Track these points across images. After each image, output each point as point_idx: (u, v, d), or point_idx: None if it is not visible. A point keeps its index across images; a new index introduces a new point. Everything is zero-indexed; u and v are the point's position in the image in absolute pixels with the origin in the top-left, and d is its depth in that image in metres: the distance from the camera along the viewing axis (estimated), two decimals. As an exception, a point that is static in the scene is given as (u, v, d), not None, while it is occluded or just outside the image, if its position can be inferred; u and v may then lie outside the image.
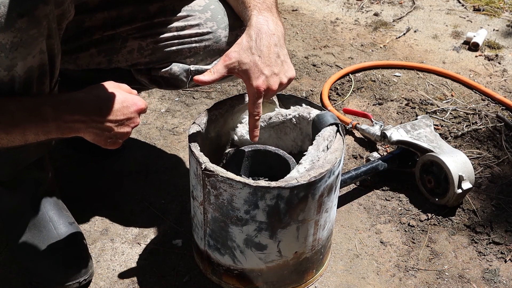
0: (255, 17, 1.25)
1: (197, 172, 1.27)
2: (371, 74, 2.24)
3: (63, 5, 1.18)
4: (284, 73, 1.25)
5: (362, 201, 1.69)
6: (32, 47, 1.11)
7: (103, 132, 1.16)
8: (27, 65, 1.13)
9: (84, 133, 1.16)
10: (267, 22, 1.24)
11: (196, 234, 1.41)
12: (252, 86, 1.23)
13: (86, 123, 1.15)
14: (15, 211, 1.42)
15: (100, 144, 1.19)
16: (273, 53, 1.23)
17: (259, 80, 1.22)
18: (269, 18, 1.25)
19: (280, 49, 1.24)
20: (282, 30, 1.26)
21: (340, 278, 1.47)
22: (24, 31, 1.08)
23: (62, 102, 1.16)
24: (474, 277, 1.48)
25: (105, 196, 1.66)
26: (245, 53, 1.22)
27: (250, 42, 1.22)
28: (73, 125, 1.14)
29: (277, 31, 1.24)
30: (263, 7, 1.28)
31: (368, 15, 2.66)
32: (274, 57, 1.23)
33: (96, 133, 1.16)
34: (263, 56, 1.22)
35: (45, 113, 1.13)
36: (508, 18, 2.66)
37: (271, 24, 1.24)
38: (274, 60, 1.23)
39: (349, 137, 1.92)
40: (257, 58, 1.22)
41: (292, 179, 1.22)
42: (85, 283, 1.39)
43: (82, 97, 1.17)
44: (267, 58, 1.22)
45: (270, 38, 1.23)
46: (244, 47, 1.22)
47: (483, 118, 2.00)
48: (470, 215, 1.65)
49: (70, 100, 1.16)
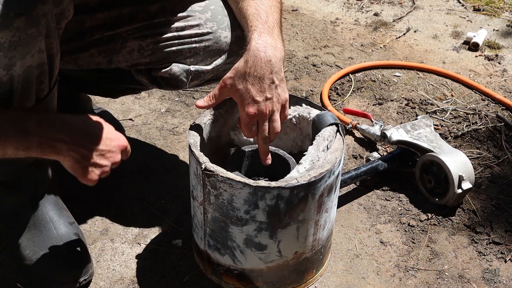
0: (254, 41, 1.27)
1: (197, 172, 1.27)
2: (371, 74, 2.24)
3: (62, 4, 1.18)
4: (277, 96, 1.28)
5: (362, 201, 1.69)
6: (31, 46, 1.11)
7: (82, 158, 1.15)
8: (26, 64, 1.13)
9: (64, 156, 1.14)
10: (265, 48, 1.25)
11: (196, 234, 1.41)
12: (244, 111, 1.27)
13: (68, 144, 1.13)
14: (15, 211, 1.42)
15: (77, 173, 1.16)
16: (267, 80, 1.25)
17: (250, 107, 1.26)
18: (268, 43, 1.26)
19: (275, 75, 1.26)
20: (280, 54, 1.28)
21: (340, 278, 1.47)
22: (23, 30, 1.08)
23: (48, 119, 1.15)
24: (474, 277, 1.48)
25: (105, 196, 1.66)
26: (239, 80, 1.26)
27: (246, 68, 1.25)
28: (54, 144, 1.13)
29: (275, 57, 1.26)
30: (264, 28, 1.29)
31: (368, 15, 2.66)
32: (268, 83, 1.26)
33: (75, 159, 1.14)
34: (257, 83, 1.25)
35: (28, 126, 1.11)
36: (508, 18, 2.66)
37: (269, 50, 1.26)
38: (268, 86, 1.26)
39: (349, 137, 1.93)
40: (250, 86, 1.25)
41: (292, 179, 1.22)
42: (85, 283, 1.39)
43: (69, 118, 1.17)
44: (260, 85, 1.25)
45: (266, 66, 1.25)
46: (239, 73, 1.26)
47: (483, 118, 2.00)
48: (470, 215, 1.65)
49: (57, 119, 1.16)
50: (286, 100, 1.30)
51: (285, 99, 1.30)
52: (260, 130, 1.30)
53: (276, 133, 1.32)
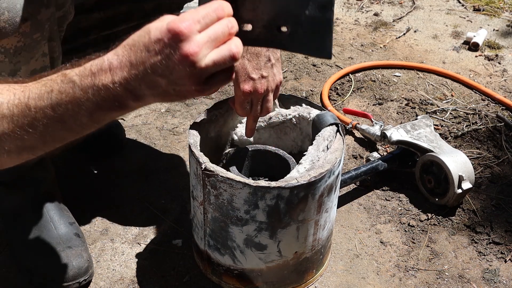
0: None
1: (197, 172, 1.27)
2: (371, 74, 2.24)
3: (64, 7, 1.18)
4: (272, 76, 1.27)
5: (362, 201, 1.69)
6: (35, 51, 1.12)
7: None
8: (30, 69, 1.13)
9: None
10: None
11: (196, 234, 1.41)
12: (239, 88, 1.26)
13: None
14: (16, 211, 1.42)
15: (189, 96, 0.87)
16: (263, 57, 1.25)
17: (245, 84, 1.25)
18: None
19: (271, 53, 1.26)
20: None
21: (340, 278, 1.47)
22: (28, 35, 1.08)
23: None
24: (474, 277, 1.48)
25: (105, 196, 1.66)
26: None
27: None
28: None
29: None
30: None
31: (368, 15, 2.66)
32: (265, 60, 1.25)
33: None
34: (253, 59, 1.24)
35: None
36: (508, 18, 2.66)
37: None
38: (264, 63, 1.25)
39: (349, 137, 1.92)
40: (247, 61, 1.24)
41: (292, 179, 1.22)
42: (85, 283, 1.39)
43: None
44: (257, 62, 1.25)
45: None
46: None
47: (483, 118, 2.00)
48: (470, 215, 1.65)
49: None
50: (281, 81, 1.30)
51: (279, 80, 1.30)
52: (253, 109, 1.30)
53: (268, 112, 1.31)
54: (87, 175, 1.73)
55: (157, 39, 0.78)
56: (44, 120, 0.83)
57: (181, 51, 0.76)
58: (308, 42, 0.89)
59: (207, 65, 0.78)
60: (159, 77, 0.79)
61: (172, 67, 0.77)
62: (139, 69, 0.79)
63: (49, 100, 0.82)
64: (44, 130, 0.84)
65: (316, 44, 0.89)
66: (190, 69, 0.77)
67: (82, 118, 0.83)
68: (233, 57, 0.80)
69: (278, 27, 0.89)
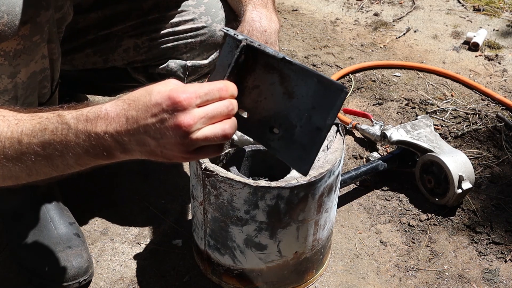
0: (249, 12, 1.24)
1: (197, 172, 1.27)
2: (371, 74, 2.24)
3: (63, 9, 1.18)
4: None
5: (362, 201, 1.69)
6: (35, 53, 1.11)
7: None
8: (30, 71, 1.13)
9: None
10: (260, 18, 1.23)
11: (196, 234, 1.41)
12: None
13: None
14: (16, 211, 1.42)
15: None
16: None
17: None
18: (262, 14, 1.24)
19: (270, 47, 1.25)
20: (276, 26, 1.26)
21: (340, 278, 1.47)
22: (27, 38, 1.08)
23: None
24: (474, 277, 1.48)
25: (105, 196, 1.66)
26: None
27: None
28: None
29: (270, 28, 1.24)
30: (258, 2, 1.27)
31: (368, 15, 2.66)
32: None
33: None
34: None
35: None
36: (508, 18, 2.66)
37: (264, 21, 1.24)
38: None
39: (349, 137, 1.92)
40: None
41: (292, 179, 1.22)
42: (85, 283, 1.39)
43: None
44: None
45: (262, 35, 1.23)
46: None
47: (483, 118, 2.00)
48: (470, 215, 1.65)
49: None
50: None
51: None
52: None
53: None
54: (86, 175, 1.73)
55: (157, 103, 0.81)
56: (32, 157, 0.87)
57: (176, 120, 0.80)
58: (292, 152, 0.91)
59: (198, 139, 0.82)
60: (149, 137, 0.82)
61: (164, 133, 0.81)
62: (133, 126, 0.82)
63: (41, 138, 0.86)
64: (31, 164, 0.88)
65: (298, 157, 0.90)
66: (181, 139, 0.81)
67: (69, 160, 0.87)
68: (225, 136, 0.84)
69: (271, 127, 0.92)
